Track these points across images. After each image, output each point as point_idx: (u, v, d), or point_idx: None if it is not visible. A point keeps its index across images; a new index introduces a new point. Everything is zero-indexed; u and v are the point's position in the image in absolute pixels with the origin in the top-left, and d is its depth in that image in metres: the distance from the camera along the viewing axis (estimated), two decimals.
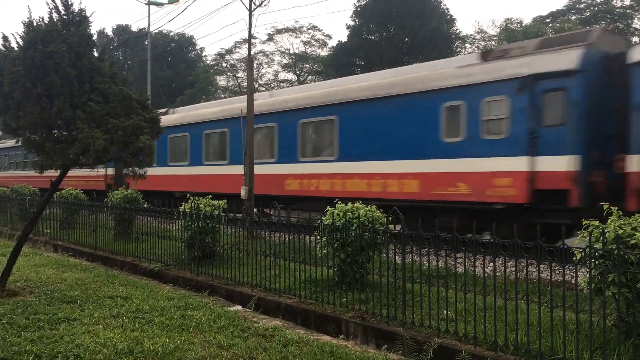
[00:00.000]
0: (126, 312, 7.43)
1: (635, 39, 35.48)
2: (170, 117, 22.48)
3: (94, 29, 8.49)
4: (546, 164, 11.29)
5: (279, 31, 50.27)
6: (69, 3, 8.13)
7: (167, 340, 6.17)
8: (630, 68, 10.64)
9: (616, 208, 5.94)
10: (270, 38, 51.08)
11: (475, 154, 12.19)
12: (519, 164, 11.60)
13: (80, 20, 8.18)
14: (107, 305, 7.80)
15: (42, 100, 7.68)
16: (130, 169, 8.32)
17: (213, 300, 8.64)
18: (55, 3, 8.06)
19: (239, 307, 8.25)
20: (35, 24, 7.90)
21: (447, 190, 12.23)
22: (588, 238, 5.59)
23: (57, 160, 8.09)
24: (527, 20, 47.01)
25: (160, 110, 18.33)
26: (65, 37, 7.81)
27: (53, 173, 8.69)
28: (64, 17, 8.10)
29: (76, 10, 8.18)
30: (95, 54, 8.42)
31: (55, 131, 8.28)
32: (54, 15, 8.04)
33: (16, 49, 7.87)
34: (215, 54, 55.48)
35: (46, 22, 7.95)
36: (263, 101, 18.39)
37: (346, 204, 8.60)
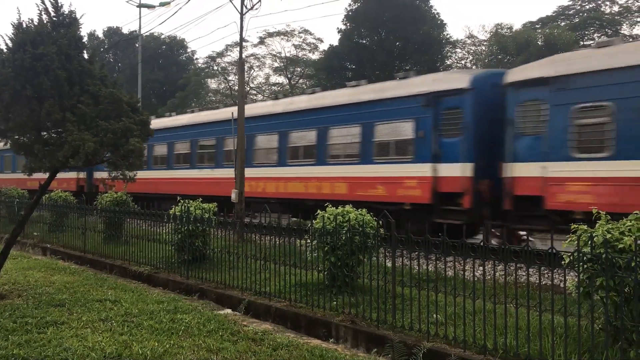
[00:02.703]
0: (115, 315, 7.38)
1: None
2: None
3: (84, 31, 8.50)
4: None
5: (270, 34, 50.26)
6: (59, 5, 8.11)
7: (156, 344, 6.14)
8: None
9: (604, 212, 5.98)
10: (261, 41, 51.06)
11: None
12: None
13: (70, 22, 8.15)
14: (95, 309, 7.75)
15: (31, 103, 7.64)
16: (120, 171, 8.28)
17: (203, 303, 8.61)
18: (45, 5, 8.03)
19: (229, 311, 8.23)
20: (24, 25, 7.87)
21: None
22: (576, 242, 5.62)
23: (46, 163, 8.05)
24: (517, 25, 47.26)
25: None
26: (55, 39, 7.77)
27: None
28: (54, 19, 8.07)
29: (66, 12, 8.15)
30: (86, 56, 8.39)
31: (45, 133, 8.24)
32: (44, 17, 8.01)
33: (5, 50, 7.83)
34: (206, 57, 55.49)
35: (36, 23, 7.92)
36: None
37: (335, 208, 8.59)
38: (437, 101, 13.71)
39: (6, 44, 7.82)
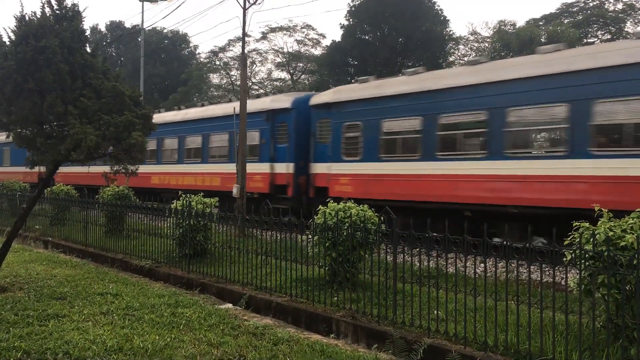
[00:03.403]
0: (116, 309, 7.40)
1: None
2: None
3: (87, 25, 8.49)
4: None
5: (273, 30, 50.18)
6: None
7: (157, 337, 6.16)
8: None
9: (607, 210, 5.97)
10: (264, 36, 50.99)
11: None
12: None
13: (72, 15, 8.13)
14: (97, 302, 7.76)
15: (33, 96, 7.64)
16: (122, 165, 8.28)
17: (204, 298, 8.62)
18: None
19: (230, 305, 8.24)
20: (27, 18, 7.85)
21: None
22: (578, 239, 5.62)
23: (49, 156, 8.05)
24: (520, 22, 47.15)
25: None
26: (58, 32, 7.76)
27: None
28: (57, 12, 8.06)
29: (69, 5, 8.14)
30: (88, 50, 8.38)
31: (47, 127, 8.24)
32: (47, 10, 8.00)
33: (8, 43, 7.82)
34: (208, 52, 55.33)
35: (38, 16, 7.90)
36: None
37: (338, 204, 8.60)
38: (273, 117, 18.15)
39: (9, 37, 7.81)
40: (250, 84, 49.04)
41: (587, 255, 5.37)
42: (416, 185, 13.75)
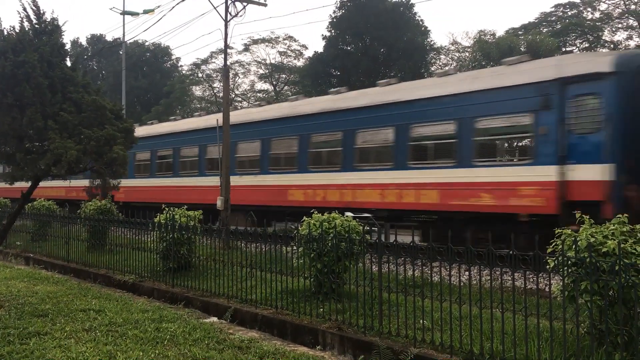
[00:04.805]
0: (99, 325, 7.30)
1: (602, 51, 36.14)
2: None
3: (67, 38, 8.48)
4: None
5: (255, 41, 50.21)
6: (41, 12, 8.04)
7: (141, 353, 6.08)
8: None
9: (589, 215, 6.03)
10: (246, 48, 51.01)
11: None
12: None
13: (52, 29, 8.09)
14: (79, 319, 7.65)
15: (12, 111, 7.56)
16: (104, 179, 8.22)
17: (188, 312, 8.54)
18: (27, 12, 7.97)
19: (215, 319, 8.17)
20: (5, 32, 7.79)
21: None
22: (561, 246, 5.66)
23: (28, 172, 7.96)
24: (500, 32, 47.71)
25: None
26: (37, 47, 7.71)
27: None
28: (36, 26, 8.01)
29: (48, 20, 8.09)
30: (68, 64, 8.33)
31: (27, 142, 8.15)
32: (25, 24, 7.95)
33: None
34: (191, 64, 55.20)
35: (17, 31, 7.84)
36: None
37: (322, 214, 8.59)
38: None
39: None
40: (233, 95, 49.00)
41: (569, 262, 5.41)
42: (167, 192, 21.23)
